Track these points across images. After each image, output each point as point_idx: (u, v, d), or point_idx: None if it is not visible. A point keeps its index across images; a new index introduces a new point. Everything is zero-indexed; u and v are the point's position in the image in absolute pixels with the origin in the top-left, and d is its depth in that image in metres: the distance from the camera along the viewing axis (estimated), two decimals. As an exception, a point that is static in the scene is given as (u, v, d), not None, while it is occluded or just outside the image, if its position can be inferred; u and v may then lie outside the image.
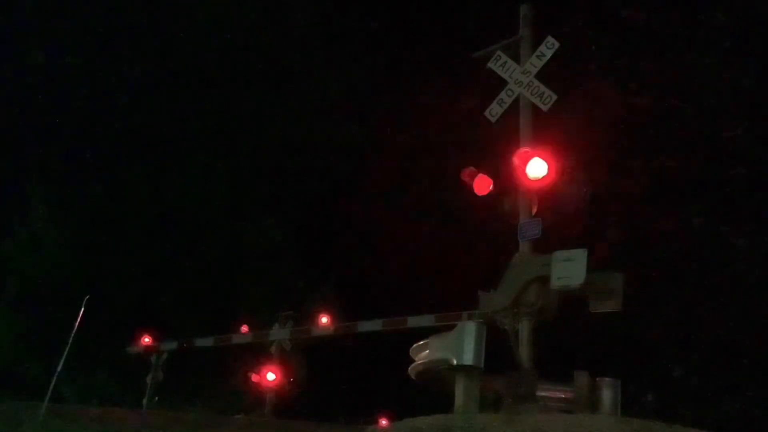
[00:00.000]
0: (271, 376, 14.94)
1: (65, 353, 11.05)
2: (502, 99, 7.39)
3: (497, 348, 6.24)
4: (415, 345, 6.85)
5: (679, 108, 16.03)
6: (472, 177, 7.07)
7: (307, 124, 22.55)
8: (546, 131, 7.22)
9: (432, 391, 6.85)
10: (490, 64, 7.53)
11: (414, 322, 10.65)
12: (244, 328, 14.41)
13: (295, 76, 22.81)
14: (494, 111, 7.41)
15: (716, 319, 15.93)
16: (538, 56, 7.27)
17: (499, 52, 7.52)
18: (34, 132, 22.16)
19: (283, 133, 22.53)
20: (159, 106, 22.05)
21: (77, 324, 11.13)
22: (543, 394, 6.19)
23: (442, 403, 6.01)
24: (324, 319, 14.07)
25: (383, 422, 13.98)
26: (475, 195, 7.11)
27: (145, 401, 12.94)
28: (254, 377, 15.51)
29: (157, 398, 12.98)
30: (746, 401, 15.52)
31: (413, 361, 6.90)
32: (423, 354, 6.62)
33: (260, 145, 22.38)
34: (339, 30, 22.57)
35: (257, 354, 15.67)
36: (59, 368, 10.97)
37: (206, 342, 13.57)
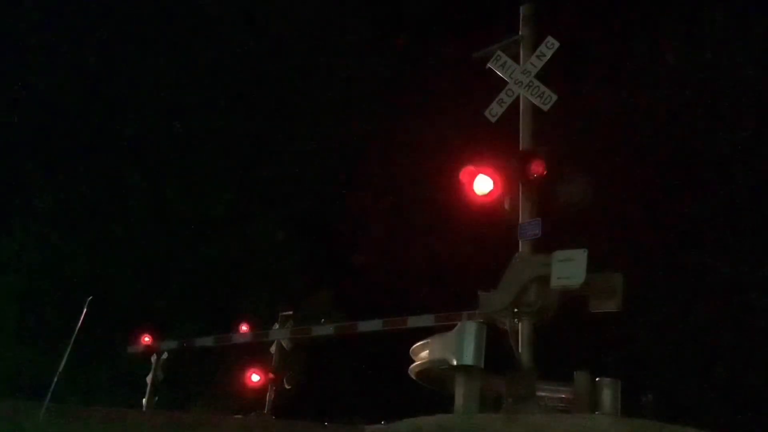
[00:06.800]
0: (270, 376, 14.93)
1: (66, 353, 11.03)
2: (502, 99, 7.39)
3: (497, 348, 6.23)
4: (415, 345, 6.85)
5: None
6: (472, 176, 7.03)
7: (308, 123, 22.57)
8: (546, 131, 7.22)
9: (432, 391, 6.85)
10: (490, 64, 7.52)
11: (414, 322, 10.63)
12: (244, 328, 14.40)
13: (295, 75, 22.82)
14: (494, 111, 7.40)
15: (716, 319, 15.92)
16: (538, 56, 7.27)
17: (499, 52, 7.52)
18: (34, 132, 22.16)
19: (284, 132, 22.55)
20: (159, 106, 22.06)
21: (79, 324, 11.10)
22: (543, 394, 6.19)
23: (442, 403, 6.01)
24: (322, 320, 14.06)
25: None
26: (474, 194, 7.09)
27: (145, 401, 12.95)
28: (254, 377, 15.49)
29: (157, 398, 12.98)
30: (746, 401, 15.51)
31: (413, 361, 6.90)
32: (423, 354, 6.62)
33: (261, 145, 22.40)
34: (340, 30, 22.59)
35: (257, 354, 15.66)
36: (60, 368, 10.95)
37: (206, 342, 13.57)
